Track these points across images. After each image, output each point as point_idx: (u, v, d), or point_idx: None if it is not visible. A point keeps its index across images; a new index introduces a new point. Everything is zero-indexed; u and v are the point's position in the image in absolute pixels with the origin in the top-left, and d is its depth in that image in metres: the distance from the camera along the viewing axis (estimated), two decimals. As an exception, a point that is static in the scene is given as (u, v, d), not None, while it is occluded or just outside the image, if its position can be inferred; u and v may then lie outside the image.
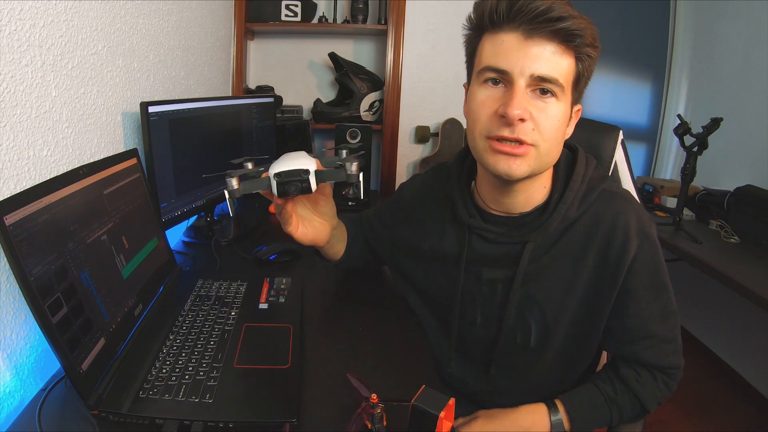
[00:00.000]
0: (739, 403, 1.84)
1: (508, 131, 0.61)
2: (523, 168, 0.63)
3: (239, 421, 0.59)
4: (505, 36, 0.60)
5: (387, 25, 1.89)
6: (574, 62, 0.61)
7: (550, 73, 0.59)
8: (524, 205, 0.71)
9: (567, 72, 0.61)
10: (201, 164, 1.20)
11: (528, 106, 0.60)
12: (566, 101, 0.62)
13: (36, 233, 0.57)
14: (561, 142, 0.66)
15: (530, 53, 0.59)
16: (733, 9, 2.06)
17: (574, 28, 0.58)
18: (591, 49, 0.61)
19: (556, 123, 0.62)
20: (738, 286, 1.28)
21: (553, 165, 0.69)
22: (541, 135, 0.61)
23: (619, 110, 2.49)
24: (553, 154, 0.65)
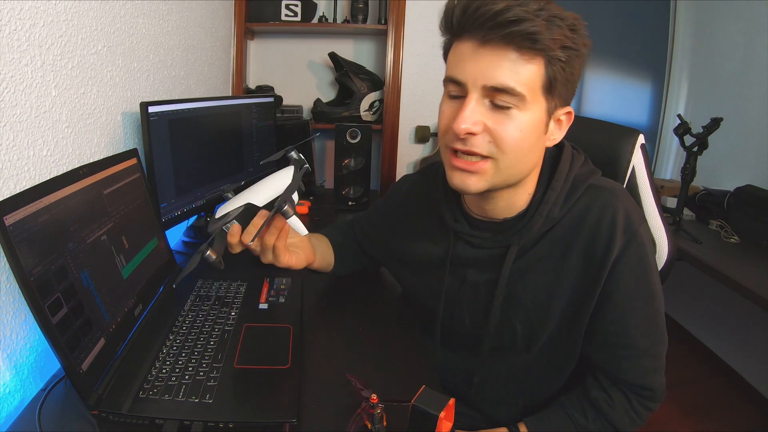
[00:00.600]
0: (739, 403, 1.84)
1: (460, 144, 0.59)
2: (480, 184, 0.61)
3: (239, 421, 0.59)
4: (463, 44, 0.58)
5: (387, 25, 1.89)
6: (543, 66, 0.56)
7: (505, 83, 0.55)
8: (506, 211, 0.69)
9: (531, 79, 0.56)
10: (201, 164, 1.20)
11: (483, 119, 0.57)
12: (535, 109, 0.58)
13: (36, 233, 0.57)
14: (530, 153, 0.61)
15: (484, 62, 0.55)
16: (733, 9, 2.06)
17: (530, 32, 0.52)
18: (559, 51, 0.55)
19: (517, 134, 0.57)
20: (738, 286, 1.28)
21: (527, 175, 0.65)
22: (498, 148, 0.58)
23: (619, 110, 2.49)
24: (520, 166, 0.61)
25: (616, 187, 0.68)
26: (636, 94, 2.49)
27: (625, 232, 0.63)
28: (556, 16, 0.54)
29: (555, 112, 0.61)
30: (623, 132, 0.85)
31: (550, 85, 0.57)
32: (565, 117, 0.63)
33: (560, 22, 0.54)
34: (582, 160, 0.71)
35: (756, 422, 1.74)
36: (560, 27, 0.54)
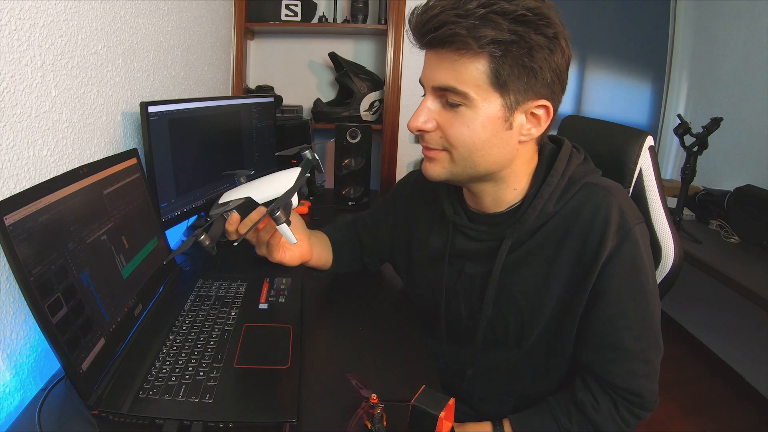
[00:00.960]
0: (739, 403, 1.84)
1: (422, 141, 0.67)
2: (437, 170, 0.67)
3: (239, 421, 0.59)
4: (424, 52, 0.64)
5: (387, 25, 1.89)
6: (488, 62, 0.57)
7: (446, 83, 0.59)
8: (495, 206, 0.72)
9: (473, 76, 0.57)
10: (201, 164, 1.20)
11: (435, 117, 0.63)
12: (486, 105, 0.59)
13: (36, 233, 0.57)
14: (487, 147, 0.62)
15: (431, 66, 0.61)
16: (733, 9, 2.06)
17: (448, 34, 0.55)
18: (495, 47, 0.55)
19: (465, 130, 0.61)
20: (738, 286, 1.28)
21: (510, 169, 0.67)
22: (449, 143, 0.63)
23: (619, 110, 2.49)
24: (476, 158, 0.63)
25: (613, 185, 0.68)
26: (636, 94, 2.49)
27: (619, 230, 0.63)
28: (496, 12, 0.54)
29: (521, 106, 0.60)
30: (630, 133, 0.83)
31: (498, 80, 0.57)
32: (541, 111, 0.62)
33: (497, 17, 0.54)
34: (581, 158, 0.71)
35: (756, 422, 1.74)
36: (495, 23, 0.54)
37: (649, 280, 0.66)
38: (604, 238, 0.63)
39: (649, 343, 0.66)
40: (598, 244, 0.63)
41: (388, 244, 0.94)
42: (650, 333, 0.66)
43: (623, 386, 0.66)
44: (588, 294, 0.65)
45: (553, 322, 0.70)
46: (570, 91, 2.40)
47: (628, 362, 0.66)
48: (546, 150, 0.70)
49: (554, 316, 0.69)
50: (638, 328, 0.65)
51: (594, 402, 0.68)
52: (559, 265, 0.67)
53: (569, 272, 0.66)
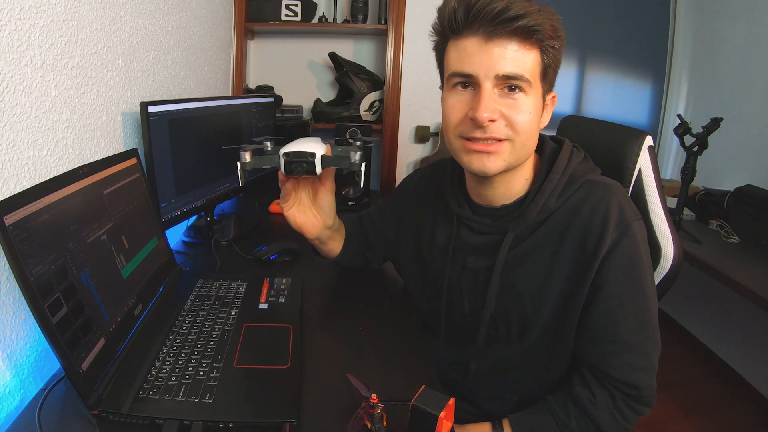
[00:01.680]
0: (739, 403, 1.84)
1: (480, 132, 0.64)
2: (498, 164, 0.66)
3: (239, 421, 0.59)
4: (467, 41, 0.62)
5: (387, 25, 1.89)
6: (539, 55, 0.63)
7: (514, 71, 0.61)
8: (504, 197, 0.73)
9: (532, 66, 0.62)
10: (201, 164, 1.20)
11: (497, 106, 0.63)
12: (536, 93, 0.64)
13: (36, 233, 0.57)
14: (536, 133, 0.67)
15: (493, 55, 0.61)
16: (733, 9, 2.06)
17: (532, 25, 0.59)
18: (553, 41, 0.62)
19: (527, 116, 0.63)
20: (738, 286, 1.28)
21: (531, 156, 0.71)
22: (514, 130, 0.64)
23: (619, 110, 2.49)
24: (529, 145, 0.67)
25: (612, 183, 0.70)
26: (636, 94, 2.49)
27: (618, 225, 0.65)
28: (543, 9, 0.61)
29: (546, 96, 0.68)
30: (629, 133, 0.84)
31: (545, 71, 0.64)
32: (551, 101, 0.70)
33: (547, 15, 0.61)
34: (581, 157, 0.74)
35: (756, 422, 1.74)
36: (549, 19, 0.61)
37: (647, 275, 0.67)
38: (603, 232, 0.65)
39: (646, 336, 0.67)
40: (598, 238, 0.65)
41: (393, 241, 0.95)
42: (647, 326, 0.67)
43: (621, 378, 0.67)
44: (588, 289, 0.66)
45: (554, 317, 0.70)
46: (570, 91, 2.40)
47: (625, 354, 0.67)
48: (548, 148, 0.73)
49: (556, 310, 0.70)
50: (636, 321, 0.66)
51: (591, 396, 0.68)
52: (560, 260, 0.68)
53: (570, 266, 0.68)
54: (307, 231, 0.85)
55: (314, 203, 0.84)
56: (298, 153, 0.72)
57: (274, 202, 1.60)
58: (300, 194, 0.82)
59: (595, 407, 0.68)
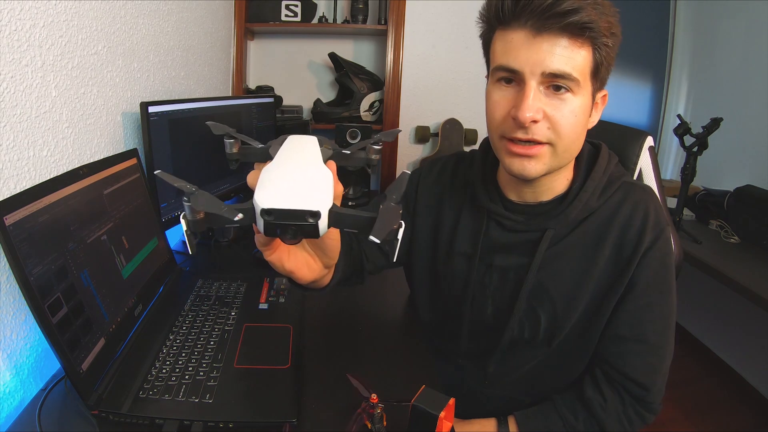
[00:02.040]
0: (739, 403, 1.84)
1: (521, 133, 0.59)
2: (538, 168, 0.62)
3: (239, 421, 0.59)
4: (514, 33, 0.58)
5: (387, 25, 1.89)
6: (591, 52, 0.57)
7: (562, 69, 0.56)
8: (545, 195, 0.70)
9: (583, 64, 0.57)
10: (201, 164, 1.20)
11: (541, 106, 0.58)
12: (585, 93, 0.60)
13: (36, 233, 0.57)
14: (581, 135, 0.63)
15: (540, 50, 0.56)
16: (733, 9, 2.06)
17: (585, 21, 0.54)
18: (607, 39, 0.57)
19: (573, 119, 0.59)
20: (738, 286, 1.28)
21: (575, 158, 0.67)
22: (556, 133, 0.59)
23: (619, 110, 2.49)
24: (573, 149, 0.63)
25: (648, 187, 0.70)
26: (636, 94, 2.49)
27: (655, 227, 0.65)
28: (599, 3, 0.56)
29: (597, 95, 0.63)
30: (630, 133, 0.84)
31: (597, 69, 0.59)
32: (601, 99, 0.65)
33: (603, 9, 0.56)
34: (617, 160, 0.73)
35: (756, 422, 1.74)
36: (606, 14, 0.56)
37: (674, 279, 0.68)
38: (642, 233, 0.65)
39: (667, 340, 0.68)
40: (637, 239, 0.65)
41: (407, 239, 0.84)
42: (669, 331, 0.68)
43: (637, 379, 0.67)
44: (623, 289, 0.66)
45: (582, 321, 0.69)
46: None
47: (648, 355, 0.67)
48: (585, 149, 0.71)
49: (585, 314, 0.69)
50: (661, 324, 0.67)
51: (602, 400, 0.68)
52: (598, 260, 0.67)
53: (607, 267, 0.67)
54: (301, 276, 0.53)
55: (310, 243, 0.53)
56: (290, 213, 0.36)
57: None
58: None
59: (605, 411, 0.67)
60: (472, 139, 2.07)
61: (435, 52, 2.07)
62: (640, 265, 0.65)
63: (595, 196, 0.67)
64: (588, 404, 0.68)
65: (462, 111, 2.08)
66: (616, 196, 0.68)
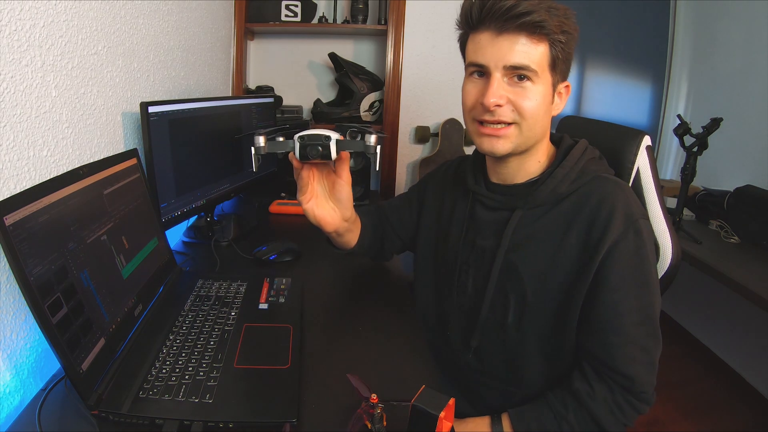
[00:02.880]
0: (739, 403, 1.84)
1: (488, 115, 0.71)
2: (506, 145, 0.72)
3: (239, 421, 0.59)
4: (481, 35, 0.70)
5: (387, 25, 1.89)
6: (547, 48, 0.68)
7: (521, 62, 0.67)
8: (518, 177, 0.78)
9: (540, 57, 0.68)
10: (201, 164, 1.20)
11: (505, 93, 0.69)
12: (544, 83, 0.69)
13: (36, 233, 0.57)
14: (544, 118, 0.72)
15: (502, 47, 0.67)
16: (733, 9, 2.06)
17: (537, 20, 0.65)
18: (560, 35, 0.67)
19: (533, 102, 0.69)
20: (738, 286, 1.28)
21: (543, 141, 0.76)
22: (520, 115, 0.70)
23: (619, 110, 2.49)
24: (536, 129, 0.72)
25: (623, 182, 0.75)
26: (636, 94, 2.49)
27: (625, 221, 0.68)
28: (553, 6, 0.66)
29: (558, 85, 0.73)
30: (628, 133, 0.85)
31: (554, 63, 0.69)
32: (564, 90, 0.75)
33: (556, 12, 0.67)
34: (596, 155, 0.79)
35: (756, 422, 1.74)
36: (557, 15, 0.66)
37: (652, 271, 0.70)
38: (609, 224, 0.68)
39: (648, 332, 0.69)
40: (603, 230, 0.68)
41: (415, 227, 0.98)
42: (650, 321, 0.69)
43: (618, 369, 0.68)
44: (591, 279, 0.68)
45: (555, 307, 0.72)
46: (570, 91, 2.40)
47: (628, 347, 0.68)
48: (565, 143, 0.78)
49: (559, 301, 0.72)
50: (639, 315, 0.68)
51: (590, 390, 0.69)
52: (565, 246, 0.71)
53: (574, 256, 0.70)
54: (326, 224, 0.83)
55: (331, 196, 0.82)
56: (314, 136, 0.72)
57: (275, 203, 1.60)
58: (316, 187, 0.81)
59: (593, 401, 0.69)
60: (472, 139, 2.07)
61: (435, 52, 2.07)
62: (611, 258, 0.67)
63: (564, 183, 0.73)
64: (576, 395, 0.70)
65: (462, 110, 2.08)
66: (588, 186, 0.73)
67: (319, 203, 0.81)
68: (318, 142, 0.72)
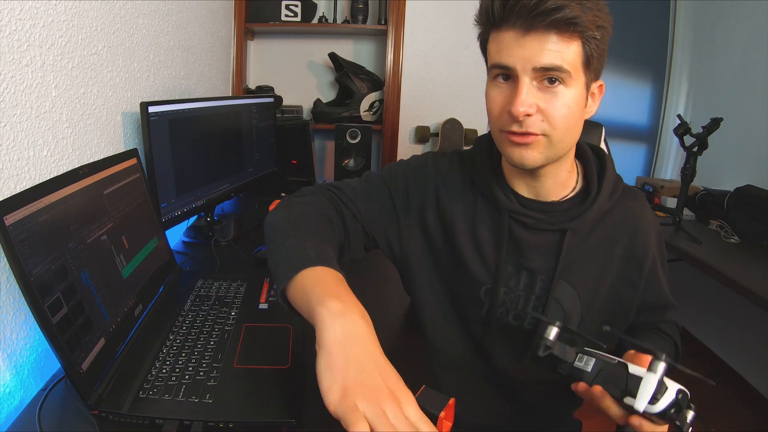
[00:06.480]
0: (739, 403, 1.84)
1: (517, 126, 0.62)
2: (536, 156, 0.64)
3: (239, 421, 0.59)
4: (505, 33, 0.61)
5: (387, 25, 1.89)
6: (581, 45, 0.60)
7: (552, 62, 0.59)
8: (554, 190, 0.71)
9: (573, 57, 0.60)
10: (201, 164, 1.20)
11: (534, 100, 0.61)
12: (578, 85, 0.62)
13: (36, 233, 0.57)
14: (576, 126, 0.65)
15: (530, 47, 0.59)
16: (733, 9, 2.06)
17: (570, 17, 0.57)
18: (595, 31, 0.59)
19: (566, 110, 0.61)
20: (738, 286, 1.28)
21: (573, 149, 0.69)
22: (551, 125, 0.62)
23: (619, 110, 2.49)
24: (568, 139, 0.65)
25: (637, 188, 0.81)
26: (636, 94, 2.49)
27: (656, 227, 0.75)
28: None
29: (592, 85, 0.66)
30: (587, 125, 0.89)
31: (588, 61, 0.62)
32: (597, 90, 0.68)
33: (590, 4, 0.58)
34: None
35: (756, 422, 1.74)
36: (591, 9, 0.58)
37: None
38: (649, 234, 0.73)
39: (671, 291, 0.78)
40: (646, 240, 0.72)
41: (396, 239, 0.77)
42: None
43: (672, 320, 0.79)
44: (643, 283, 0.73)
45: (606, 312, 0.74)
46: (570, 91, 2.40)
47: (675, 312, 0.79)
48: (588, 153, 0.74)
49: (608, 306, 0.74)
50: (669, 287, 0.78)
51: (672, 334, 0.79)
52: (612, 258, 0.72)
53: (621, 264, 0.72)
54: None
55: None
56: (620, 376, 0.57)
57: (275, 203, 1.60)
58: None
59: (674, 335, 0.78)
60: (472, 139, 2.07)
61: (435, 52, 2.07)
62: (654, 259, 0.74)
63: (610, 200, 0.72)
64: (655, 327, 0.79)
65: (462, 111, 2.08)
66: (624, 200, 0.73)
67: None
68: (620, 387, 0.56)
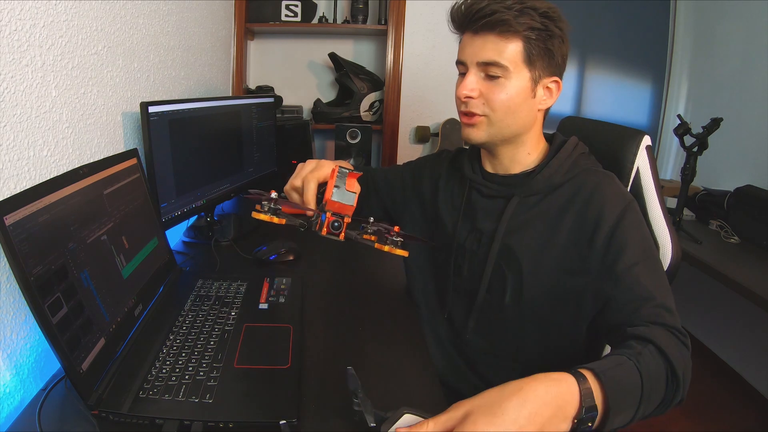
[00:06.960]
0: (739, 403, 1.84)
1: (464, 107, 0.78)
2: (479, 134, 0.78)
3: (239, 421, 0.59)
4: (464, 36, 0.77)
5: (387, 25, 1.89)
6: (521, 45, 0.72)
7: (491, 58, 0.72)
8: (512, 167, 0.83)
9: (512, 54, 0.72)
10: (201, 164, 1.20)
11: (479, 86, 0.75)
12: (519, 77, 0.74)
13: (36, 233, 0.57)
14: (519, 111, 0.76)
15: (476, 45, 0.74)
16: (733, 9, 2.06)
17: (501, 20, 0.70)
18: (529, 32, 0.71)
19: (505, 97, 0.74)
20: (738, 286, 1.28)
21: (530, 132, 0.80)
22: (490, 107, 0.75)
23: (619, 110, 2.49)
24: (509, 120, 0.76)
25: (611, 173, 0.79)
26: (636, 94, 2.49)
27: (620, 202, 0.73)
28: (529, 7, 0.71)
29: (541, 81, 0.76)
30: (627, 133, 0.85)
31: (529, 58, 0.73)
32: (553, 85, 0.78)
33: (531, 12, 0.71)
34: (586, 150, 0.83)
35: (756, 422, 1.74)
36: (530, 15, 0.71)
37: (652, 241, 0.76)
38: (604, 207, 0.73)
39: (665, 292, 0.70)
40: (599, 212, 0.73)
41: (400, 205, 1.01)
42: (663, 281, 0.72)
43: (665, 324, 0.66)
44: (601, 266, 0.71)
45: (550, 285, 0.77)
46: (570, 91, 2.40)
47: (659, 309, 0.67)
48: (558, 140, 0.83)
49: (556, 280, 0.76)
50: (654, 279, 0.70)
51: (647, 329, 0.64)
52: (560, 230, 0.76)
53: (570, 237, 0.75)
54: None
55: None
56: None
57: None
58: None
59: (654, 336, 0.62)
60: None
61: (435, 52, 2.07)
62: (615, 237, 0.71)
63: (559, 174, 0.78)
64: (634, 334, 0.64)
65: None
66: (580, 177, 0.78)
67: None
68: None
